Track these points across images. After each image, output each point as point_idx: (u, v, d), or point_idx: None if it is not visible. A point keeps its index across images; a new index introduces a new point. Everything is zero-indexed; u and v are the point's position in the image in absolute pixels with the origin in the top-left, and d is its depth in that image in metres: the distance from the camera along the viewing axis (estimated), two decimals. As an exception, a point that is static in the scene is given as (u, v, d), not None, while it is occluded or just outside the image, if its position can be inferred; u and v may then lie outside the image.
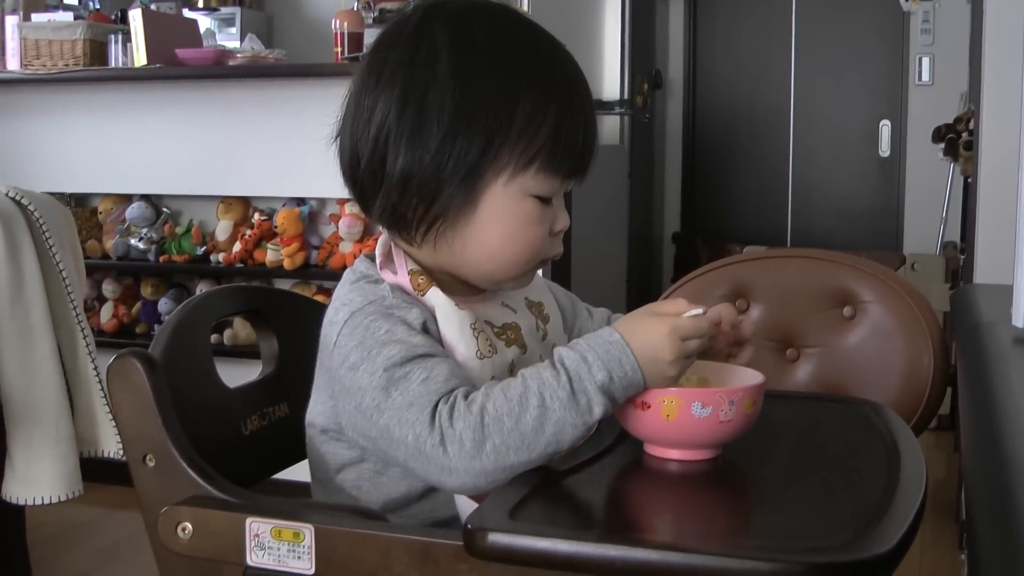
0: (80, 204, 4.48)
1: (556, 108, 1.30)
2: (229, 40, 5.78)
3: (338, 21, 4.07)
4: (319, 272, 4.05)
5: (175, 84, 4.17)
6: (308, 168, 3.98)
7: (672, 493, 1.22)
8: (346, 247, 3.99)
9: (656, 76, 7.17)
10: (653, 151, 7.25)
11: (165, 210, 4.32)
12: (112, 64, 4.33)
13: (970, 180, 4.36)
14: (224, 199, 4.22)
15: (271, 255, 4.04)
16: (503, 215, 1.31)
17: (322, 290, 4.05)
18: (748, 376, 1.30)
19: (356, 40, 4.03)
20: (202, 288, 4.24)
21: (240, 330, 4.06)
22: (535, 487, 1.15)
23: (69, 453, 2.59)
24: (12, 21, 4.43)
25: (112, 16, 4.75)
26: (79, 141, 4.28)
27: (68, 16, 4.52)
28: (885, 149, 7.15)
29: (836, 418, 1.47)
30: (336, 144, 1.39)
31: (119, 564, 3.41)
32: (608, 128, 6.15)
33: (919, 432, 1.94)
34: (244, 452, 1.48)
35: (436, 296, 1.32)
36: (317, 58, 4.66)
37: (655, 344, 1.20)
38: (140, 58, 4.18)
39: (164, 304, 4.28)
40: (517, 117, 1.28)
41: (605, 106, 6.11)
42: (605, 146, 6.00)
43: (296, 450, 1.58)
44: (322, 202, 4.12)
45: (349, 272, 1.38)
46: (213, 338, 4.01)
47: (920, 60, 6.90)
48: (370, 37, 4.09)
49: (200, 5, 6.26)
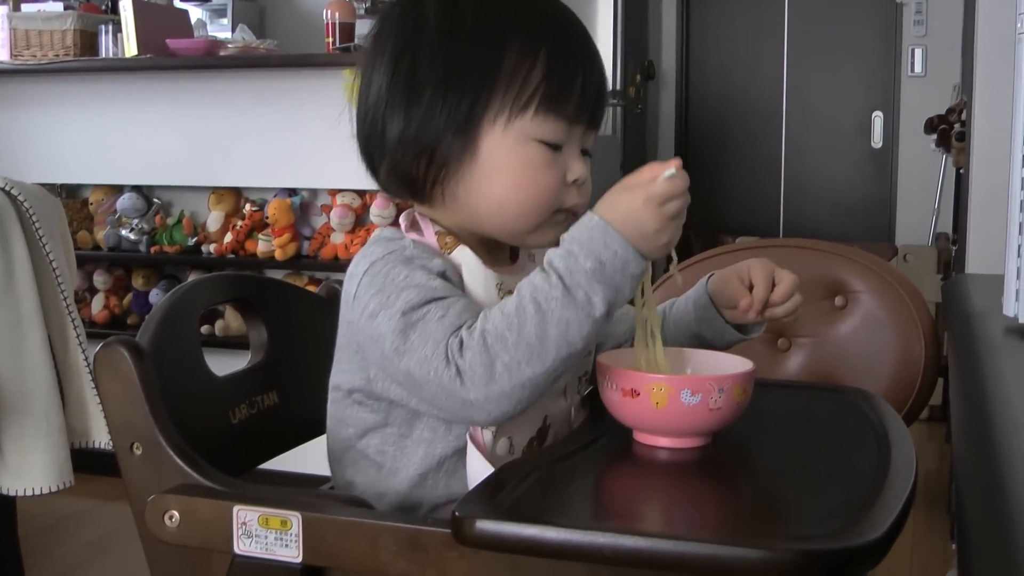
0: (71, 195, 4.47)
1: (547, 50, 1.30)
2: (220, 31, 5.76)
3: (329, 11, 4.05)
4: (310, 263, 4.04)
5: (166, 75, 4.16)
6: (299, 159, 3.98)
7: (661, 481, 1.21)
8: (337, 238, 3.99)
9: (649, 67, 7.17)
10: (646, 142, 7.25)
11: (156, 201, 4.31)
12: (103, 55, 4.32)
13: (962, 171, 4.36)
14: (215, 190, 4.21)
15: (262, 246, 4.03)
16: (506, 161, 1.30)
17: (313, 280, 4.05)
18: (738, 364, 1.29)
19: (347, 30, 4.02)
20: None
21: (232, 321, 4.06)
22: (524, 475, 1.15)
23: (60, 444, 2.59)
24: (2, 11, 4.42)
25: (102, 6, 4.73)
26: (70, 132, 4.27)
27: (58, 6, 4.51)
28: (877, 140, 7.16)
29: (827, 407, 1.47)
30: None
31: (110, 555, 3.41)
32: (600, 119, 6.13)
33: (910, 421, 1.94)
34: (232, 441, 1.47)
35: (463, 253, 1.32)
36: (309, 48, 4.65)
37: (635, 218, 1.18)
38: (131, 48, 4.17)
39: (155, 295, 4.27)
40: (505, 61, 1.29)
41: (598, 97, 6.08)
42: (598, 137, 5.99)
43: (285, 439, 1.58)
44: (313, 193, 4.12)
45: (372, 236, 1.37)
46: (205, 329, 4.00)
47: (913, 51, 6.91)
48: (361, 27, 4.08)
49: (191, -5, 6.25)
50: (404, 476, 1.34)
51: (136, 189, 4.30)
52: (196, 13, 5.56)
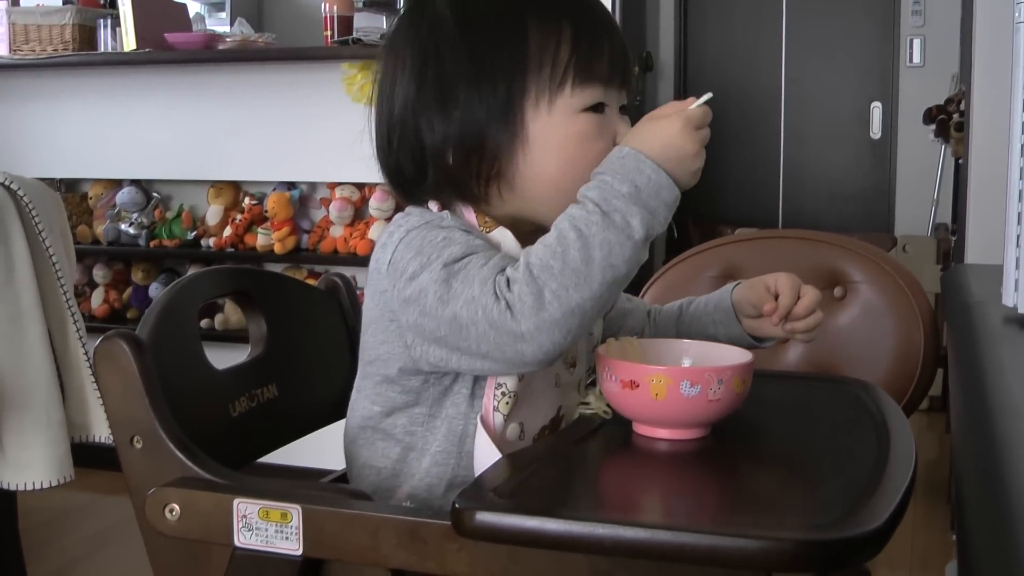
0: (70, 189, 4.47)
1: (570, 23, 1.32)
2: (219, 24, 5.78)
3: (328, 5, 4.05)
4: (310, 256, 4.05)
5: (165, 68, 4.16)
6: (298, 152, 3.98)
7: (661, 472, 1.21)
8: (337, 231, 3.99)
9: (647, 59, 7.17)
10: (644, 134, 7.24)
11: (155, 195, 4.31)
12: (101, 49, 4.31)
13: (961, 161, 4.36)
14: (214, 183, 4.22)
15: (262, 239, 4.03)
16: (558, 139, 1.31)
17: (313, 274, 4.05)
18: (737, 355, 1.30)
19: (346, 24, 4.02)
20: (193, 273, 4.23)
21: (231, 314, 4.06)
22: (524, 466, 1.15)
23: (60, 438, 2.59)
24: (1, 6, 4.41)
25: (101, 1, 4.73)
26: (69, 126, 4.27)
27: (57, 1, 4.51)
28: (876, 131, 7.15)
29: (826, 397, 1.47)
30: (374, 147, 1.39)
31: (111, 549, 3.41)
32: (599, 111, 6.14)
33: (910, 412, 1.94)
34: (232, 434, 1.47)
35: (502, 234, 1.32)
36: (307, 42, 4.65)
37: (674, 143, 1.23)
38: (129, 43, 4.17)
39: (155, 289, 4.27)
40: (531, 41, 1.30)
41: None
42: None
43: (284, 432, 1.58)
44: (313, 186, 4.12)
45: (397, 215, 1.36)
46: (204, 323, 4.01)
47: (911, 42, 6.91)
48: (360, 21, 4.09)
49: (189, -11, 6.25)
50: (428, 455, 1.34)
51: (135, 183, 4.30)
52: (194, 7, 5.56)
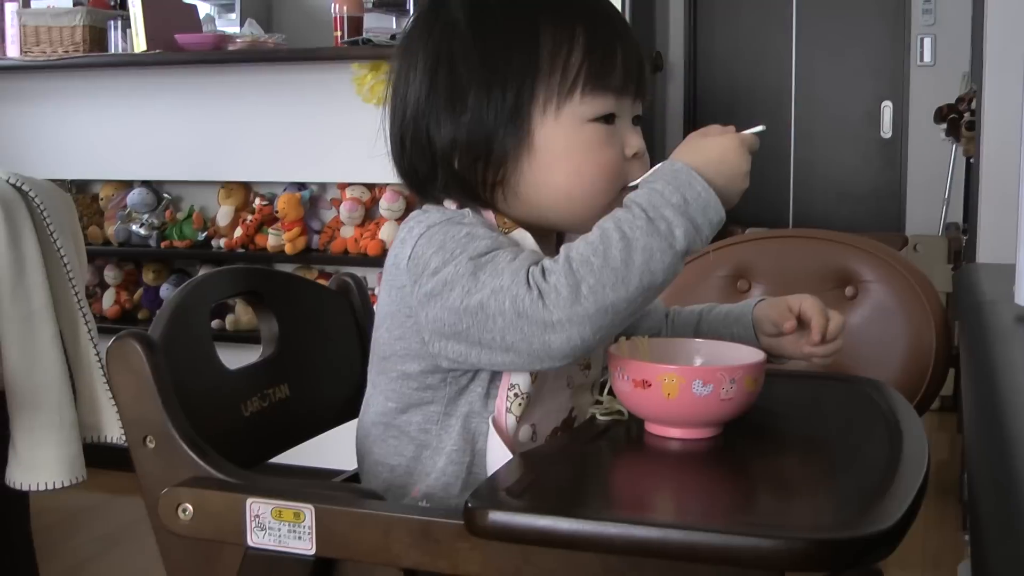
0: (81, 190, 4.48)
1: (582, 28, 1.31)
2: (229, 25, 5.78)
3: (337, 5, 4.05)
4: (320, 256, 4.05)
5: (175, 69, 4.17)
6: (309, 152, 3.98)
7: (673, 471, 1.21)
8: (347, 231, 3.99)
9: (657, 59, 7.16)
10: (654, 134, 7.25)
11: (166, 196, 4.32)
12: (112, 50, 4.32)
13: (972, 160, 4.36)
14: (225, 184, 4.22)
15: (272, 240, 4.04)
16: (564, 148, 1.31)
17: (323, 274, 4.05)
18: (749, 354, 1.29)
19: (356, 24, 4.02)
20: (204, 274, 4.23)
21: (242, 315, 4.06)
22: (536, 465, 1.15)
23: (72, 439, 2.59)
24: (11, 8, 4.42)
25: (111, 2, 4.73)
26: (79, 127, 4.28)
27: (67, 2, 4.51)
28: (887, 130, 7.14)
29: (837, 396, 1.47)
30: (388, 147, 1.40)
31: (122, 549, 3.42)
32: (609, 111, 6.14)
33: (921, 411, 1.94)
34: (244, 433, 1.47)
35: (522, 235, 1.32)
36: (317, 42, 4.64)
37: (729, 160, 1.24)
38: (140, 44, 4.17)
39: (166, 290, 4.28)
40: (543, 47, 1.30)
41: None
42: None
43: (297, 432, 1.58)
44: (323, 186, 4.12)
45: (414, 212, 1.36)
46: (215, 323, 4.01)
47: (921, 40, 6.89)
48: (370, 21, 4.09)
49: (199, -10, 6.26)
50: (443, 454, 1.33)
51: (146, 184, 4.31)
52: (204, 8, 5.57)
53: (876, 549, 0.96)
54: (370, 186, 3.97)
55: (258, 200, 4.11)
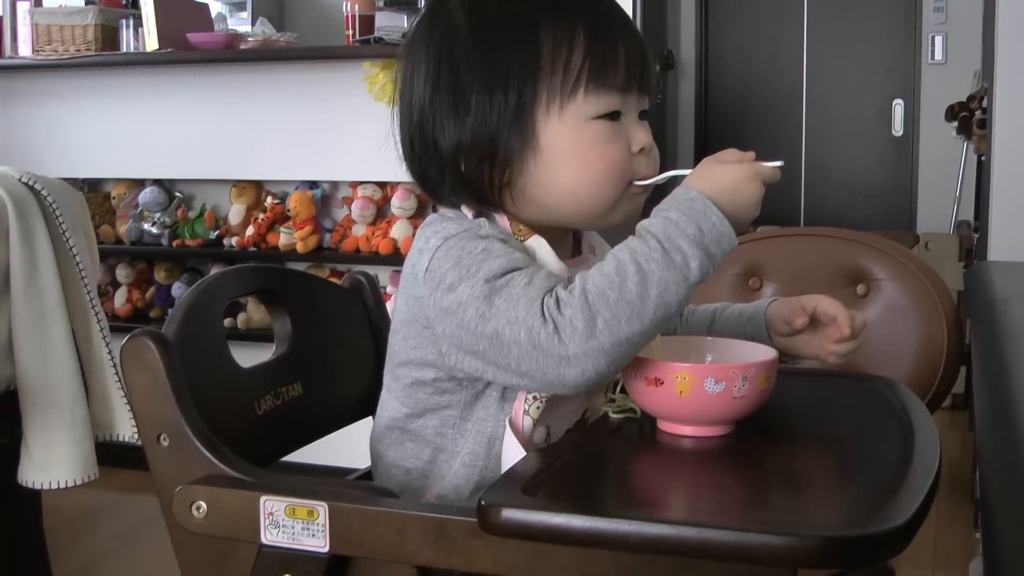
0: (93, 189, 4.49)
1: (583, 25, 1.30)
2: (240, 24, 5.79)
3: (349, 4, 4.05)
4: (332, 255, 4.05)
5: (187, 68, 4.18)
6: (320, 151, 3.99)
7: (686, 469, 1.22)
8: (359, 230, 3.99)
9: (668, 57, 7.16)
10: (665, 132, 7.24)
11: (178, 194, 4.32)
12: (123, 49, 4.33)
13: (984, 158, 4.35)
14: (237, 183, 4.23)
15: (284, 238, 4.04)
16: (569, 146, 1.30)
17: (335, 273, 4.06)
18: (761, 352, 1.30)
19: (367, 23, 4.02)
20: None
21: (254, 314, 4.07)
22: (549, 463, 1.15)
23: (85, 437, 2.60)
24: (24, 7, 4.43)
25: (123, 1, 4.74)
26: (91, 126, 4.29)
27: (79, 1, 4.52)
28: (898, 128, 7.13)
29: (849, 394, 1.46)
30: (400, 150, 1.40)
31: (135, 547, 3.43)
32: (620, 109, 6.15)
33: (933, 409, 1.94)
34: (258, 432, 1.48)
35: (538, 242, 1.32)
36: (328, 41, 4.65)
37: (743, 190, 1.24)
38: (151, 43, 4.18)
39: (178, 288, 4.29)
40: (543, 45, 1.29)
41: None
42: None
43: (310, 430, 1.58)
44: (335, 185, 4.12)
45: (432, 217, 1.36)
46: (227, 322, 4.02)
47: (933, 38, 6.89)
48: (381, 20, 4.09)
49: (211, -11, 6.26)
50: (459, 457, 1.34)
51: (158, 183, 4.32)
52: (216, 7, 5.58)
53: (888, 546, 0.96)
54: (382, 184, 3.97)
55: (270, 199, 4.12)
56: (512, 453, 1.28)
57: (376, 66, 3.72)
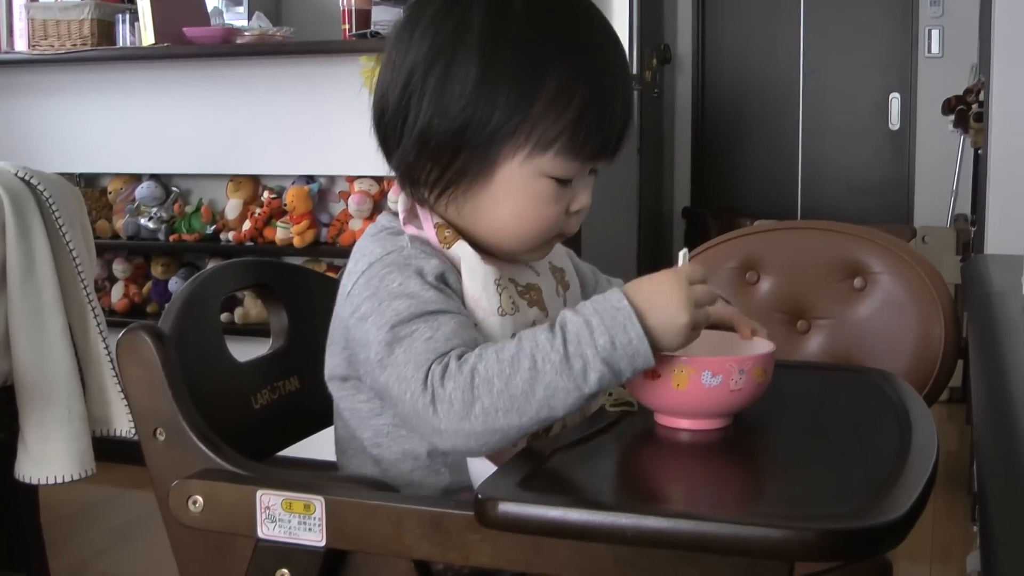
0: (89, 184, 4.48)
1: (585, 90, 1.28)
2: (237, 18, 5.76)
3: (345, -2, 4.06)
4: (329, 249, 4.05)
5: (183, 63, 4.17)
6: (317, 145, 3.98)
7: (683, 462, 1.22)
8: (356, 224, 3.99)
9: (665, 51, 7.16)
10: (663, 126, 7.24)
11: (174, 189, 4.31)
12: (120, 44, 4.33)
13: (980, 152, 4.35)
14: (233, 177, 4.22)
15: (281, 233, 4.04)
16: (516, 193, 1.30)
17: (332, 267, 4.05)
18: (758, 345, 1.29)
19: (364, 17, 4.02)
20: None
21: (250, 308, 4.07)
22: (546, 457, 1.15)
23: (82, 432, 2.60)
24: (20, 2, 4.43)
25: (119, -5, 4.74)
26: (88, 121, 4.28)
27: (75, -4, 4.52)
28: (895, 122, 7.13)
29: (847, 387, 1.47)
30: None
31: (133, 543, 3.43)
32: (617, 104, 6.15)
33: (930, 403, 1.94)
34: (254, 426, 1.48)
35: (462, 248, 1.31)
36: (325, 35, 4.65)
37: (661, 291, 1.18)
38: (148, 37, 4.18)
39: (174, 283, 4.28)
40: (541, 96, 1.27)
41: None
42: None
43: (306, 424, 1.58)
44: (332, 179, 4.12)
45: (372, 226, 1.38)
46: (224, 317, 4.01)
47: (929, 32, 6.89)
48: (378, 14, 4.08)
49: (207, -16, 6.25)
50: (402, 466, 1.35)
51: (154, 178, 4.31)
52: (212, 1, 5.56)
53: (886, 540, 0.96)
54: (379, 179, 3.96)
55: (267, 193, 4.12)
56: (478, 465, 1.28)
57: (373, 60, 3.71)
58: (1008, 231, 3.12)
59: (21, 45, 4.39)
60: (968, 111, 5.24)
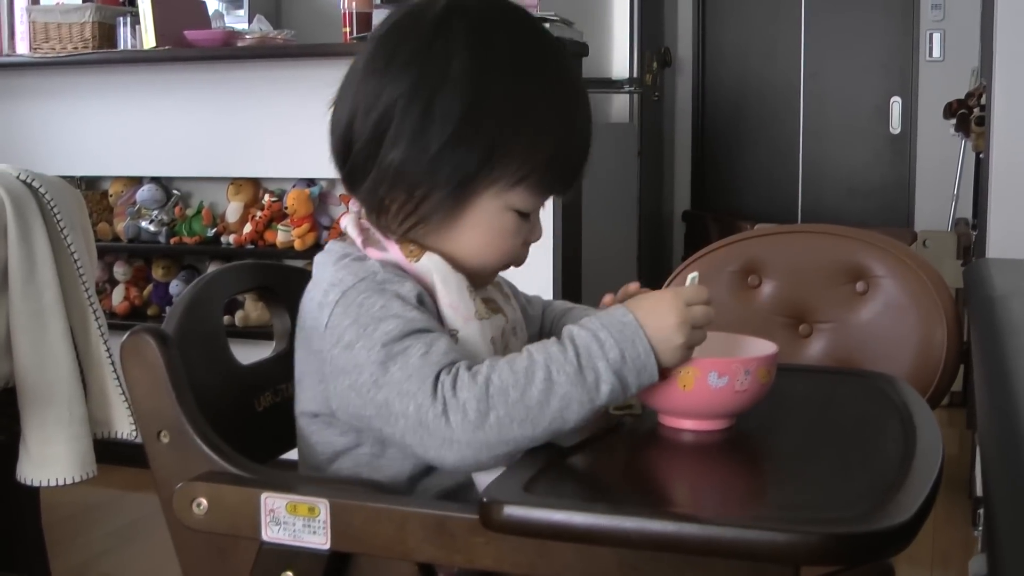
0: (91, 187, 4.48)
1: (560, 133, 1.32)
2: (237, 21, 5.77)
3: (346, 1, 4.06)
4: (330, 253, 4.04)
5: (184, 66, 4.17)
6: (318, 149, 3.92)
7: (687, 464, 1.22)
8: (357, 227, 3.98)
9: (665, 54, 7.16)
10: (663, 129, 7.24)
11: (175, 192, 4.31)
12: (121, 47, 4.33)
13: (982, 156, 4.35)
14: (234, 180, 4.22)
15: (282, 236, 4.04)
16: (484, 225, 1.32)
17: (333, 271, 4.05)
18: (761, 346, 1.30)
19: (365, 20, 4.02)
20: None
21: (251, 311, 4.07)
22: (550, 460, 1.15)
23: (83, 434, 2.60)
24: (21, 5, 4.43)
25: (120, -2, 4.74)
26: (89, 124, 4.28)
27: (76, -1, 4.52)
28: (896, 126, 7.13)
29: (851, 391, 1.47)
30: (330, 114, 1.39)
31: (134, 545, 3.43)
32: (617, 106, 6.15)
33: (933, 407, 1.93)
34: (258, 428, 1.48)
35: (432, 259, 1.31)
36: (326, 38, 4.65)
37: (659, 310, 1.20)
38: (149, 40, 4.18)
39: (175, 286, 4.28)
40: (522, 136, 1.29)
41: (614, 84, 6.14)
42: (615, 124, 6.00)
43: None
44: (332, 183, 4.11)
45: (325, 255, 1.35)
46: (225, 320, 4.01)
47: (931, 36, 6.88)
48: (379, 17, 4.08)
49: (208, -13, 6.25)
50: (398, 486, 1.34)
51: (155, 180, 4.31)
52: (213, 4, 5.57)
53: (891, 544, 0.96)
54: (379, 182, 3.96)
55: (267, 196, 4.12)
56: (482, 475, 1.27)
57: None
58: (1010, 235, 3.12)
59: (22, 48, 4.39)
60: (969, 115, 5.24)
